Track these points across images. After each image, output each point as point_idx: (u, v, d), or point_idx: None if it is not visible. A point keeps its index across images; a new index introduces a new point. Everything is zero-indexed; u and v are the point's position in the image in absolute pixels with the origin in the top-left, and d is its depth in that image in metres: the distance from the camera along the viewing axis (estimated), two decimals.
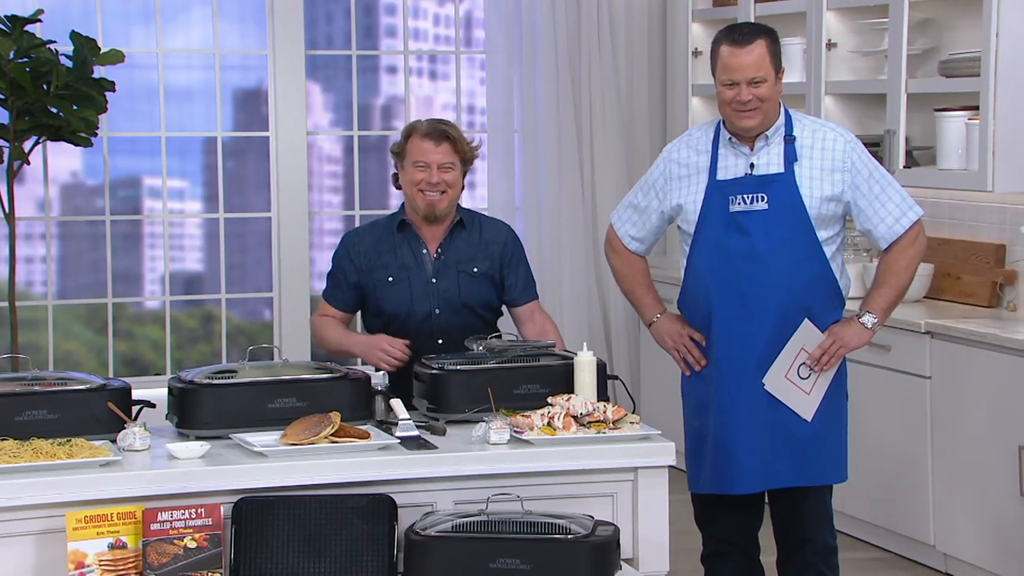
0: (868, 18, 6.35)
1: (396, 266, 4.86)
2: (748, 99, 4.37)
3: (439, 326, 4.84)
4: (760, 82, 4.38)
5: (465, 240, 4.91)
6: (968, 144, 5.79)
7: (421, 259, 4.87)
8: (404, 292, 4.84)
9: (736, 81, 4.38)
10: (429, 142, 4.81)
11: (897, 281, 4.52)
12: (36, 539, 3.80)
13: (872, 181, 4.47)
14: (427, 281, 4.85)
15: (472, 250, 4.90)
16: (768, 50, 4.40)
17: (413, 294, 4.84)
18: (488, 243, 4.93)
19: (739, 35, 4.42)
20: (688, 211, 4.53)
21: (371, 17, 7.62)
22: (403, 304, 4.84)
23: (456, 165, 4.84)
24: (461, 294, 4.87)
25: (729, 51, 4.40)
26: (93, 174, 7.27)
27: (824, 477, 4.53)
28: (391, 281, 4.84)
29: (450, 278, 4.86)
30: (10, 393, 4.10)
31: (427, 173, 4.80)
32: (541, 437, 4.15)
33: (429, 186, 4.80)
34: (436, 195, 4.81)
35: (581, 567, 3.78)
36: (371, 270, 4.86)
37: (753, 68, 4.37)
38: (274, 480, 3.93)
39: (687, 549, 4.92)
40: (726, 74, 4.40)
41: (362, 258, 4.88)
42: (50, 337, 7.17)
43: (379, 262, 4.86)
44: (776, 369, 4.45)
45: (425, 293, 4.85)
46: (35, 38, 6.38)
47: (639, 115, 7.71)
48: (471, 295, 4.88)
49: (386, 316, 4.86)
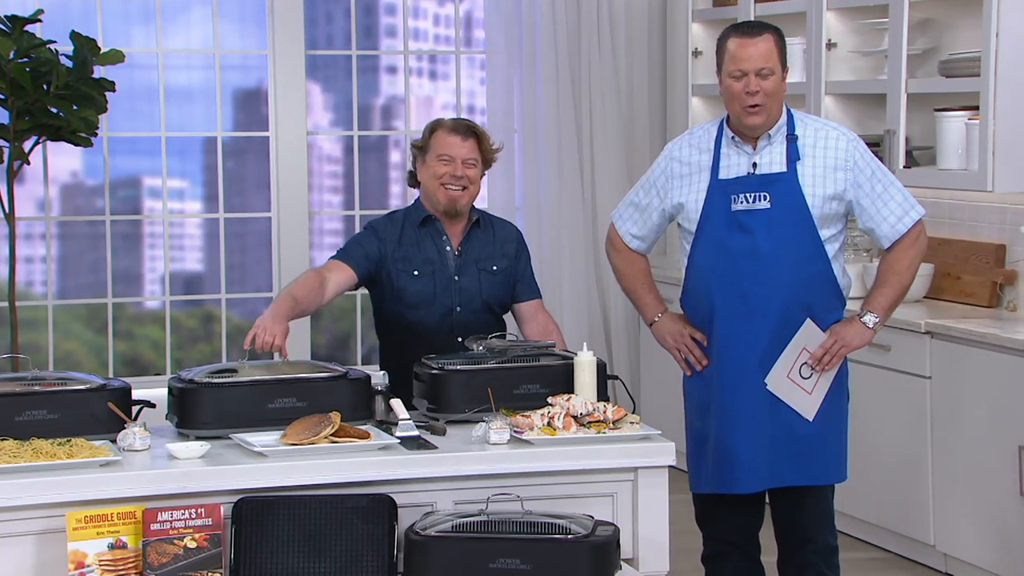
0: (868, 18, 6.35)
1: (420, 260, 4.85)
2: (756, 90, 4.36)
3: (459, 323, 4.84)
4: (768, 74, 4.37)
5: (481, 239, 4.92)
6: (968, 144, 5.79)
7: (444, 255, 4.87)
8: (428, 286, 4.84)
9: (745, 71, 4.38)
10: (456, 136, 4.82)
11: (899, 281, 4.52)
12: (36, 539, 3.80)
13: (875, 180, 4.47)
14: (450, 278, 4.86)
15: (490, 248, 4.92)
16: (776, 45, 4.41)
17: (437, 289, 4.84)
18: (503, 241, 4.95)
19: (748, 28, 4.44)
20: (689, 209, 4.53)
21: (371, 17, 7.62)
22: (426, 298, 4.84)
23: (479, 162, 4.85)
24: (483, 292, 4.88)
25: (738, 42, 4.40)
26: (93, 174, 7.27)
27: (825, 477, 4.53)
28: (416, 275, 4.84)
29: (471, 276, 4.88)
30: (10, 393, 4.10)
31: (451, 167, 4.80)
32: (541, 437, 4.14)
33: (452, 179, 4.80)
34: (458, 190, 4.81)
35: (581, 567, 3.78)
36: (395, 260, 4.84)
37: (762, 59, 4.37)
38: (274, 480, 3.93)
39: (687, 549, 4.92)
40: (734, 64, 4.39)
41: (388, 245, 4.85)
42: (50, 337, 7.17)
43: (402, 253, 4.85)
44: (778, 369, 4.45)
45: (447, 290, 4.85)
46: (35, 38, 6.38)
47: (639, 115, 7.71)
48: (491, 293, 4.90)
49: (405, 306, 4.84)
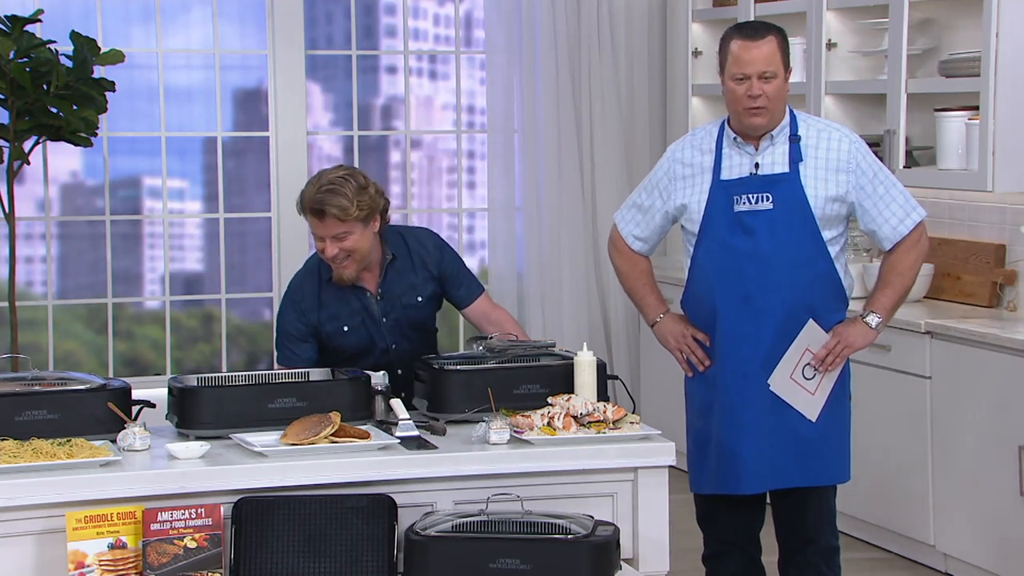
0: (868, 18, 6.35)
1: (347, 314, 4.75)
2: (758, 94, 4.35)
3: (397, 357, 4.77)
4: (771, 77, 4.36)
5: (399, 272, 4.79)
6: (968, 144, 5.79)
7: (367, 302, 4.76)
8: (362, 337, 4.77)
9: (747, 75, 4.36)
10: (313, 219, 4.62)
11: (901, 281, 4.52)
12: (36, 539, 3.80)
13: (877, 182, 4.47)
14: (378, 321, 4.77)
15: (410, 278, 4.80)
16: (779, 47, 4.39)
17: (371, 336, 4.77)
18: (423, 262, 4.83)
19: (751, 30, 4.42)
20: (692, 211, 4.52)
21: (371, 17, 7.62)
22: (361, 349, 4.77)
23: (352, 229, 4.62)
24: (411, 323, 4.81)
25: (741, 45, 4.38)
26: (93, 174, 7.27)
27: (828, 477, 4.53)
28: (347, 331, 4.76)
29: (398, 313, 4.79)
30: (10, 393, 4.10)
31: (324, 245, 4.64)
32: (541, 437, 4.14)
33: (334, 261, 4.65)
34: (342, 262, 4.66)
35: (581, 567, 3.78)
36: (324, 323, 4.75)
37: (764, 62, 4.36)
38: (274, 480, 3.93)
39: (687, 549, 4.92)
40: (737, 67, 4.37)
41: (310, 315, 4.75)
42: (50, 337, 7.17)
43: (328, 314, 4.75)
44: (781, 370, 4.44)
45: (379, 333, 4.78)
46: (35, 38, 6.38)
47: (639, 115, 7.71)
48: (419, 319, 4.83)
49: (343, 357, 4.75)
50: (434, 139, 7.73)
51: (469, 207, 7.71)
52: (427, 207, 7.69)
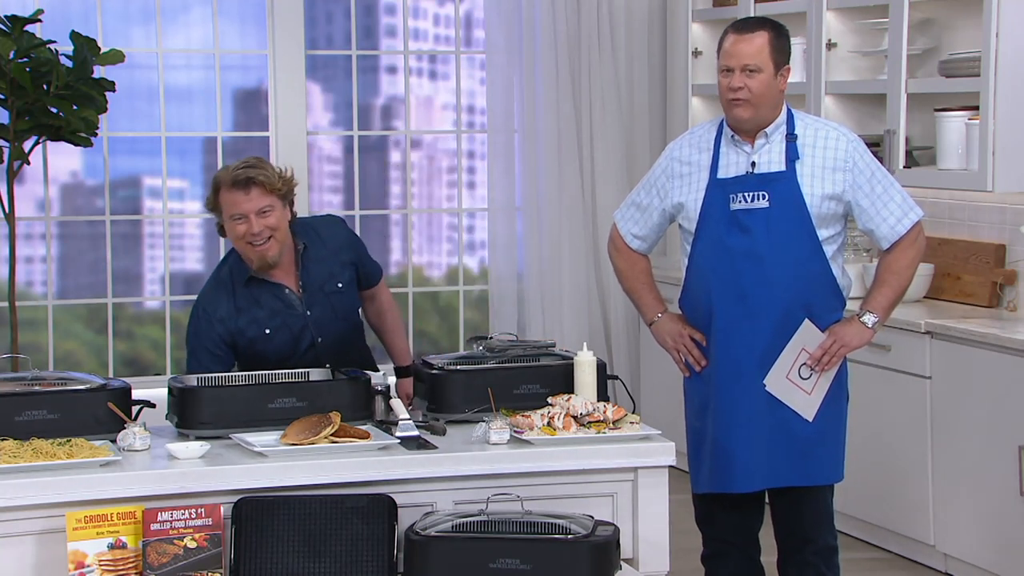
0: (868, 18, 6.35)
1: (266, 316, 4.70)
2: (739, 86, 4.37)
3: (325, 351, 4.73)
4: (755, 71, 4.37)
5: (316, 260, 4.76)
6: (968, 144, 5.79)
7: (288, 299, 4.72)
8: (286, 337, 4.72)
9: (731, 67, 4.38)
10: (238, 192, 4.58)
11: (898, 281, 4.52)
12: (36, 539, 3.80)
13: (874, 181, 4.47)
14: (302, 316, 4.72)
15: (328, 265, 4.77)
16: (770, 43, 4.39)
17: (293, 335, 4.73)
18: (337, 250, 4.80)
19: (745, 24, 4.44)
20: (689, 209, 4.52)
21: (371, 17, 7.62)
22: (287, 350, 4.72)
23: (275, 205, 4.61)
24: (336, 312, 4.78)
25: (731, 38, 4.41)
26: (93, 174, 7.27)
27: (822, 477, 4.53)
28: (268, 333, 4.70)
29: (322, 304, 4.75)
30: (10, 393, 4.10)
31: (247, 224, 4.60)
32: (541, 437, 4.15)
33: (253, 236, 4.60)
34: (264, 243, 4.61)
35: (581, 567, 3.78)
36: (243, 329, 4.69)
37: (749, 56, 4.36)
38: (274, 480, 3.94)
39: (687, 549, 4.92)
40: (724, 60, 4.41)
41: (227, 322, 4.69)
42: (50, 337, 7.17)
43: (247, 319, 4.70)
44: (777, 370, 4.44)
45: (304, 329, 4.73)
46: (35, 38, 6.37)
47: (639, 115, 7.71)
48: (344, 309, 4.81)
49: (269, 363, 4.68)
50: (434, 139, 7.73)
51: (469, 207, 7.71)
52: (427, 207, 7.70)
